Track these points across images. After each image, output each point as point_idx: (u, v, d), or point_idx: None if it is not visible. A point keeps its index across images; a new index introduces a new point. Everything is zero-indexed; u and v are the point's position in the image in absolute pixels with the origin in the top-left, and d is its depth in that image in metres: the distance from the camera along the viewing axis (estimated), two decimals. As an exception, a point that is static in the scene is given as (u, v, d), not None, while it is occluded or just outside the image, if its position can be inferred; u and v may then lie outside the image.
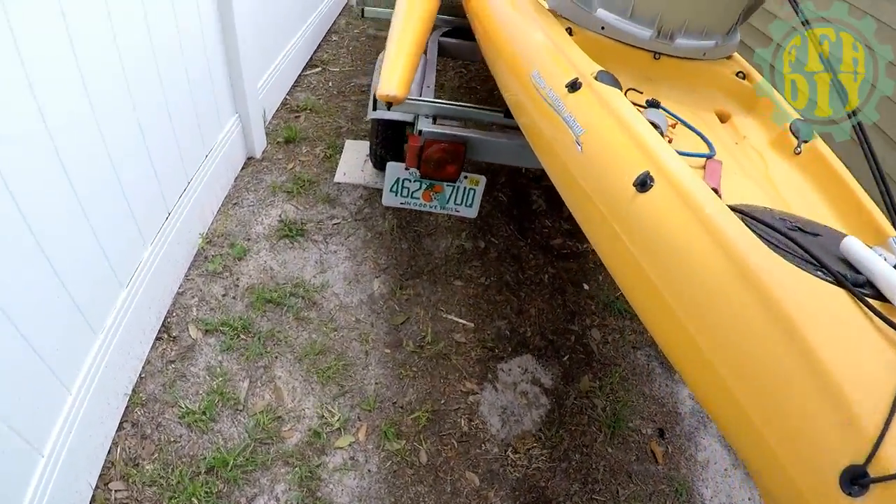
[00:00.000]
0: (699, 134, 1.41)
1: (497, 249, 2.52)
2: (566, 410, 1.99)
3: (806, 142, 1.39)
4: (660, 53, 1.64)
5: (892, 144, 2.30)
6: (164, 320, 2.02)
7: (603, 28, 1.63)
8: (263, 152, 2.91)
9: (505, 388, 2.01)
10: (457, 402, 1.94)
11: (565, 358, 2.16)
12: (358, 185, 2.73)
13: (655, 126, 1.22)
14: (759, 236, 0.85)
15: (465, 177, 2.03)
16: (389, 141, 2.51)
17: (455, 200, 2.11)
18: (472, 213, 2.13)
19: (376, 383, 1.94)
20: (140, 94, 1.74)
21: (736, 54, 1.78)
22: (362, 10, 3.37)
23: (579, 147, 1.21)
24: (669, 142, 1.33)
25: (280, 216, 2.52)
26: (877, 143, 2.37)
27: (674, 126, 1.43)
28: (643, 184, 1.00)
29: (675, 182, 0.96)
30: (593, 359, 2.18)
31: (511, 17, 1.92)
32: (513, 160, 2.08)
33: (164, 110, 1.95)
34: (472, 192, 2.08)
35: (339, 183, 2.73)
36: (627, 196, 1.02)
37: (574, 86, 1.32)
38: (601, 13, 1.63)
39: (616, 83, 1.29)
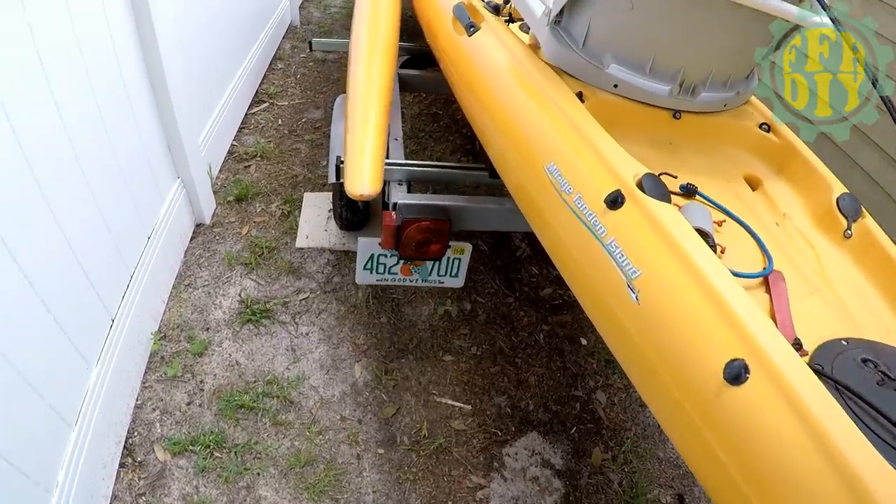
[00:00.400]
0: (753, 234, 1.30)
1: (485, 310, 2.44)
2: (582, 492, 1.95)
3: (855, 220, 1.34)
4: (680, 111, 1.56)
5: (889, 161, 2.32)
6: (126, 442, 1.88)
7: (616, 86, 1.52)
8: (213, 215, 2.75)
9: (514, 475, 1.95)
10: (465, 501, 1.86)
11: (573, 430, 2.11)
12: (323, 249, 2.60)
13: (705, 235, 1.12)
14: (863, 422, 0.80)
15: (449, 246, 1.93)
16: (356, 202, 2.39)
17: (438, 272, 2.02)
18: (458, 282, 2.04)
19: (374, 492, 1.84)
20: (53, 185, 1.51)
21: (753, 97, 1.73)
22: (310, 42, 3.23)
23: (634, 295, 1.03)
24: (721, 253, 1.22)
25: (240, 295, 2.37)
26: (873, 158, 2.39)
27: (720, 224, 1.31)
28: (737, 377, 0.85)
29: (777, 375, 0.83)
30: (602, 426, 2.14)
31: (502, 71, 1.75)
32: (503, 226, 1.99)
33: (89, 197, 1.74)
34: (457, 261, 1.99)
35: (301, 248, 2.60)
36: (714, 387, 0.88)
37: (615, 202, 1.14)
38: (614, 70, 1.51)
39: (665, 193, 1.15)
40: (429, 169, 1.97)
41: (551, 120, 1.43)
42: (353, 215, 2.47)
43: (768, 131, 1.61)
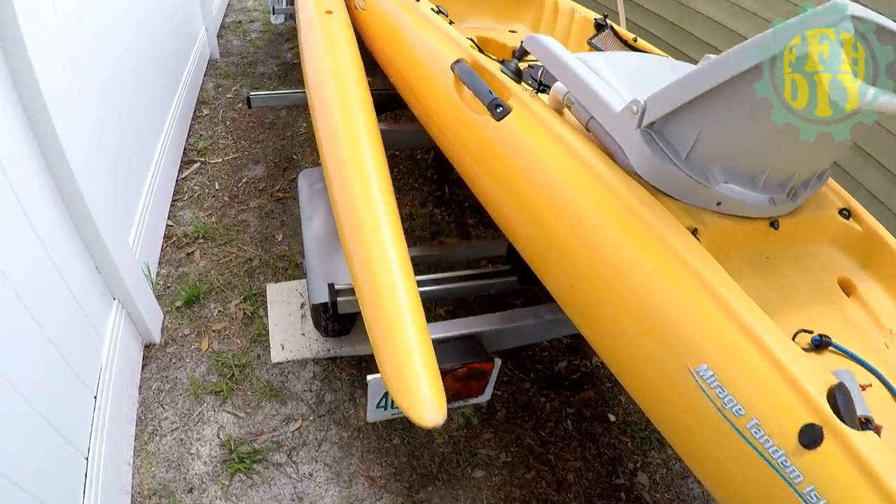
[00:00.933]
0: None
1: (503, 403, 2.21)
2: None
3: None
4: (777, 219, 1.35)
5: (891, 177, 2.23)
6: None
7: (719, 203, 1.28)
8: (163, 330, 2.36)
9: None
10: None
11: (624, 528, 1.95)
12: (306, 360, 2.27)
13: (867, 422, 0.93)
14: None
15: None
16: (345, 315, 2.06)
17: (464, 393, 1.77)
18: (485, 398, 1.81)
19: None
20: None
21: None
22: (248, 98, 2.81)
23: None
24: (878, 431, 0.99)
25: (219, 436, 2.04)
26: (875, 176, 2.30)
27: (865, 388, 1.10)
28: None
29: None
30: (651, 514, 1.99)
31: (562, 183, 1.39)
32: (541, 336, 1.76)
33: (12, 395, 1.33)
34: None
35: (279, 363, 2.25)
36: None
37: (814, 441, 0.91)
38: (724, 188, 1.26)
39: (854, 410, 0.94)
40: (451, 285, 1.68)
41: (684, 289, 1.12)
42: (342, 325, 2.15)
43: (848, 217, 1.43)
